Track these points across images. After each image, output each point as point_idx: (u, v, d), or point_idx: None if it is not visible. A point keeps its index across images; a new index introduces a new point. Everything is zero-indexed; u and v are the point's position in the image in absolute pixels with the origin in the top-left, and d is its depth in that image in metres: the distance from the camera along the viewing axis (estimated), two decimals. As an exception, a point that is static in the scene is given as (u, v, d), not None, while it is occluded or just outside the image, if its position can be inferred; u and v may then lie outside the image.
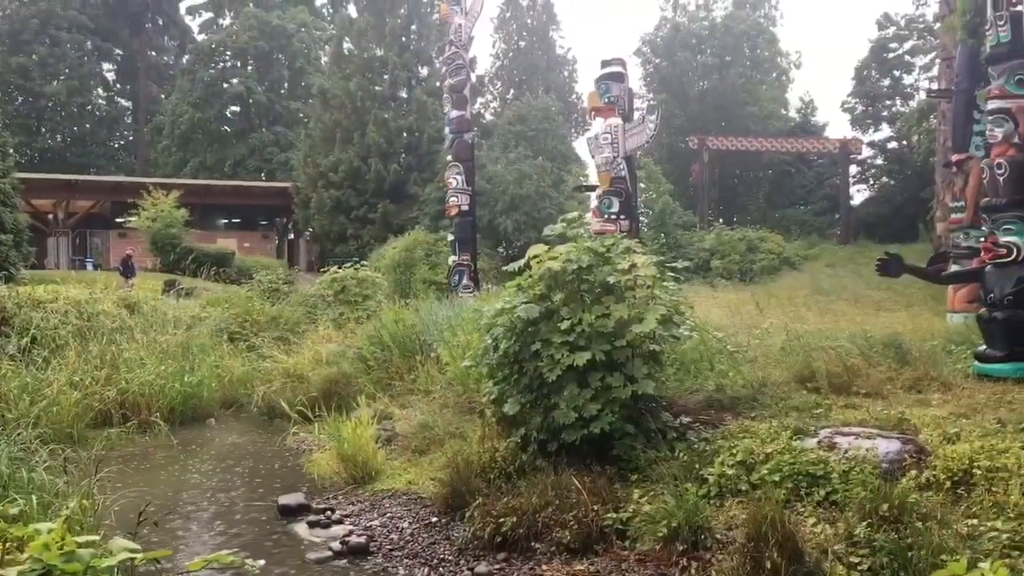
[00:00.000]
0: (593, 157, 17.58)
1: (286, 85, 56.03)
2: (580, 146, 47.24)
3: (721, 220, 43.72)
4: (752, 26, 48.60)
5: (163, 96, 61.40)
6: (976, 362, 9.64)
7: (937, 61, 26.34)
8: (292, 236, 52.19)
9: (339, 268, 21.53)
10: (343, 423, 10.29)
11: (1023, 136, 9.71)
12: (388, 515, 8.33)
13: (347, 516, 8.43)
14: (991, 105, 10.10)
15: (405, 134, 40.69)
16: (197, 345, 16.70)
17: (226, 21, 61.17)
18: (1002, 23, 10.03)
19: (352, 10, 46.59)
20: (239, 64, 55.08)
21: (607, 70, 17.01)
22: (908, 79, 45.35)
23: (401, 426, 11.00)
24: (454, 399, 10.96)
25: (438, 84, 30.51)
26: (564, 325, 7.71)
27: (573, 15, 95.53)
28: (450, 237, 23.33)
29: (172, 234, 36.58)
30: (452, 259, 22.75)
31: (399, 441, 10.58)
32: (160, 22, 65.67)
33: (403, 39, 42.00)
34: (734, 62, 46.68)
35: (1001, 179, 9.71)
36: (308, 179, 41.32)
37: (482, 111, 51.51)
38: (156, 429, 12.89)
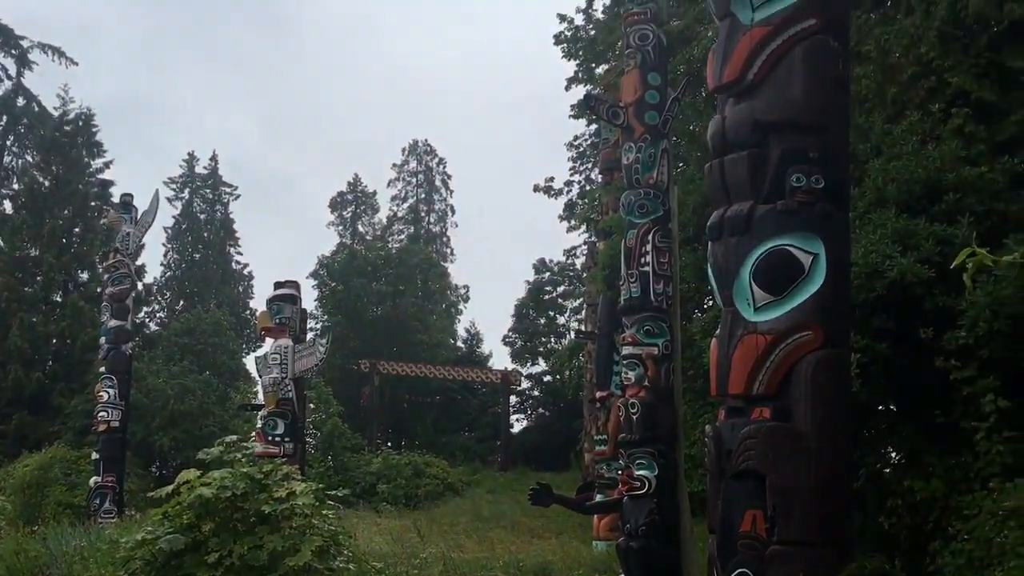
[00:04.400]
0: (261, 376, 17.25)
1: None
2: (251, 362, 46.11)
3: (390, 444, 43.97)
4: (425, 260, 51.62)
5: None
6: (616, 590, 10.25)
7: (584, 306, 29.32)
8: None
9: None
10: None
11: (652, 380, 10.94)
12: None
13: None
14: (625, 351, 11.37)
15: (55, 340, 37.50)
16: None
17: None
18: (633, 280, 11.52)
19: (8, 206, 43.35)
20: None
21: (280, 291, 17.10)
22: (561, 319, 49.98)
23: None
24: (77, 645, 9.63)
25: (99, 290, 28.78)
26: (212, 558, 7.21)
27: (252, 231, 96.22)
28: (95, 455, 21.35)
29: None
30: (94, 480, 20.74)
31: None
32: None
33: (64, 241, 39.60)
34: (407, 291, 48.88)
35: (634, 417, 10.79)
36: (-71, 384, 36.29)
37: (147, 320, 49.03)
38: None
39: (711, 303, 15.78)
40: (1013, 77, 12.14)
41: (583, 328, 27.40)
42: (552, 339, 49.54)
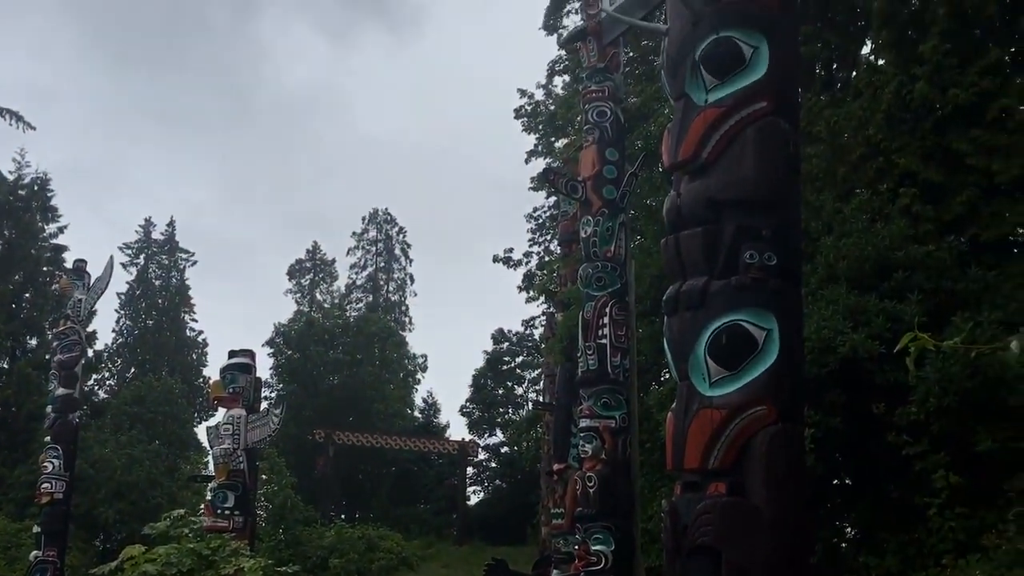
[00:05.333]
0: (212, 447, 16.91)
1: None
2: (203, 432, 45.10)
3: (343, 516, 43.11)
4: (383, 328, 51.34)
5: None
6: (572, 670, 10.03)
7: (543, 376, 29.21)
8: None
9: None
10: None
11: (609, 452, 10.90)
12: None
13: None
14: (582, 423, 11.34)
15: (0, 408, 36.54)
16: None
17: None
18: (591, 352, 11.54)
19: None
20: None
21: (234, 360, 16.89)
22: (519, 390, 49.78)
23: None
24: None
25: (47, 357, 28.12)
26: (154, 639, 6.96)
27: (208, 298, 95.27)
28: (36, 528, 20.58)
29: None
30: (35, 554, 19.96)
31: None
32: None
33: (13, 306, 38.84)
34: (364, 360, 48.49)
35: (591, 491, 10.71)
36: None
37: (96, 388, 47.95)
38: None
39: (668, 375, 15.84)
40: (958, 159, 12.58)
41: (541, 399, 27.29)
42: (510, 410, 49.28)
